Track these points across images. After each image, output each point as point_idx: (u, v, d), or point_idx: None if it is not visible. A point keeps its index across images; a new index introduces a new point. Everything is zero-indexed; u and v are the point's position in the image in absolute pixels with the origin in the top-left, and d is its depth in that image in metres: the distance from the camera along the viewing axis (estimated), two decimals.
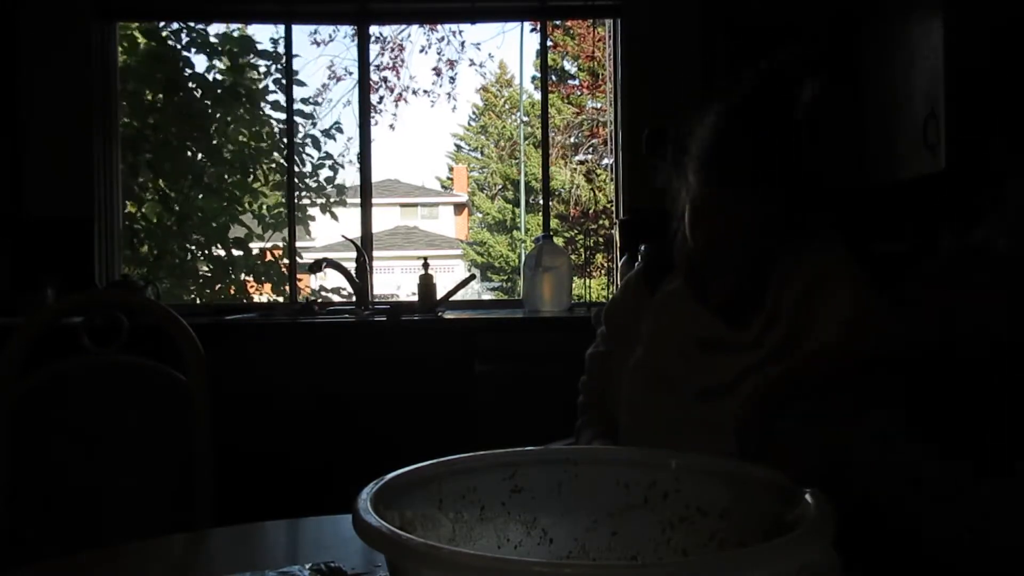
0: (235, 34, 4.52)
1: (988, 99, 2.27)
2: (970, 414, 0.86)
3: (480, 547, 0.71)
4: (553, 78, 4.16)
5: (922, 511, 0.84)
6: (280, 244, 4.83)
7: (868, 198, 2.91)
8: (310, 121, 4.55)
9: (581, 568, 0.54)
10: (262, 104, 4.72)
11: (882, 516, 0.89)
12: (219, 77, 4.61)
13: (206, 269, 4.86)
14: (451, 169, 14.55)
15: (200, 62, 4.54)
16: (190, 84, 4.51)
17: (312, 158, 4.84)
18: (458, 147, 13.97)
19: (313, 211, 4.96)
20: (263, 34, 4.19)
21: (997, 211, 0.94)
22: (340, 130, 4.90)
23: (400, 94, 6.96)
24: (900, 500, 0.86)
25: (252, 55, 4.56)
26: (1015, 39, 2.23)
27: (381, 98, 6.74)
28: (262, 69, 4.56)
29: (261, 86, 4.59)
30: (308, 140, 4.68)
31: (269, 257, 4.87)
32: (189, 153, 4.64)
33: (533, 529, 0.74)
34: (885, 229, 2.90)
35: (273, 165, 4.73)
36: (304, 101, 4.72)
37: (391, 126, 8.90)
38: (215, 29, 4.51)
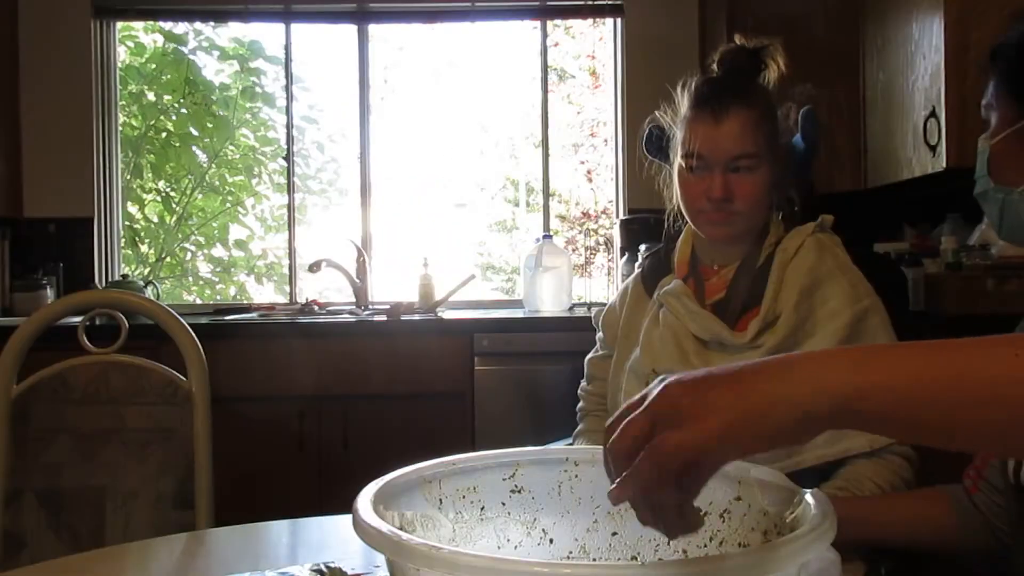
0: (245, 39, 4.52)
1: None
2: None
3: (480, 547, 0.71)
4: (554, 78, 4.16)
5: None
6: (281, 244, 4.82)
7: (868, 198, 2.91)
8: (315, 125, 4.54)
9: (581, 568, 0.54)
10: (269, 108, 4.72)
11: None
12: (227, 81, 4.62)
13: (206, 269, 4.86)
14: None
15: (209, 65, 4.54)
16: (198, 87, 4.52)
17: (317, 162, 4.84)
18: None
19: (313, 212, 4.95)
20: (273, 40, 4.18)
21: None
22: (344, 135, 4.89)
23: (400, 94, 6.93)
24: None
25: (261, 60, 4.55)
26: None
27: (382, 98, 6.72)
28: (271, 75, 4.55)
29: (269, 91, 4.59)
30: (314, 144, 4.67)
31: (270, 258, 4.87)
32: (193, 154, 4.64)
33: (533, 529, 0.74)
34: (885, 229, 2.90)
35: (277, 167, 4.73)
36: (312, 108, 4.71)
37: (392, 127, 8.85)
38: (226, 33, 4.51)
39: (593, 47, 4.58)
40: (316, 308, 3.31)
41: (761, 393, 0.52)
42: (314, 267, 3.24)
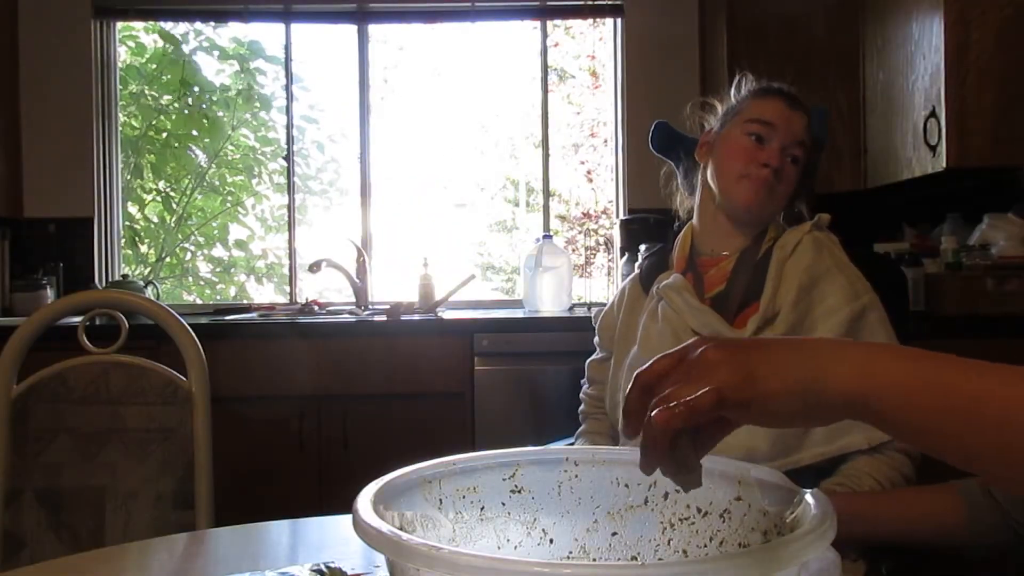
0: (244, 39, 4.52)
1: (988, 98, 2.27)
2: None
3: (480, 547, 0.71)
4: (554, 78, 4.16)
5: None
6: (281, 245, 4.82)
7: (868, 198, 2.91)
8: (315, 125, 4.54)
9: (581, 568, 0.54)
10: (268, 109, 4.72)
11: None
12: (227, 81, 4.62)
13: (206, 269, 4.86)
14: None
15: (209, 65, 4.55)
16: (196, 89, 4.51)
17: (317, 162, 4.84)
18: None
19: (314, 212, 4.95)
20: (273, 40, 4.19)
21: None
22: (344, 135, 4.89)
23: (400, 94, 6.94)
24: None
25: (261, 60, 4.55)
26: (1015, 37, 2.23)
27: (382, 98, 6.73)
28: (271, 75, 4.56)
29: (269, 91, 4.60)
30: (315, 144, 4.67)
31: (270, 258, 4.88)
32: (192, 155, 4.64)
33: (533, 529, 0.74)
34: (885, 229, 2.90)
35: (277, 167, 4.73)
36: (312, 108, 4.72)
37: (392, 127, 8.85)
38: (226, 33, 4.51)
39: (593, 47, 4.58)
40: (316, 308, 3.31)
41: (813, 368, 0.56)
42: (314, 267, 3.24)
